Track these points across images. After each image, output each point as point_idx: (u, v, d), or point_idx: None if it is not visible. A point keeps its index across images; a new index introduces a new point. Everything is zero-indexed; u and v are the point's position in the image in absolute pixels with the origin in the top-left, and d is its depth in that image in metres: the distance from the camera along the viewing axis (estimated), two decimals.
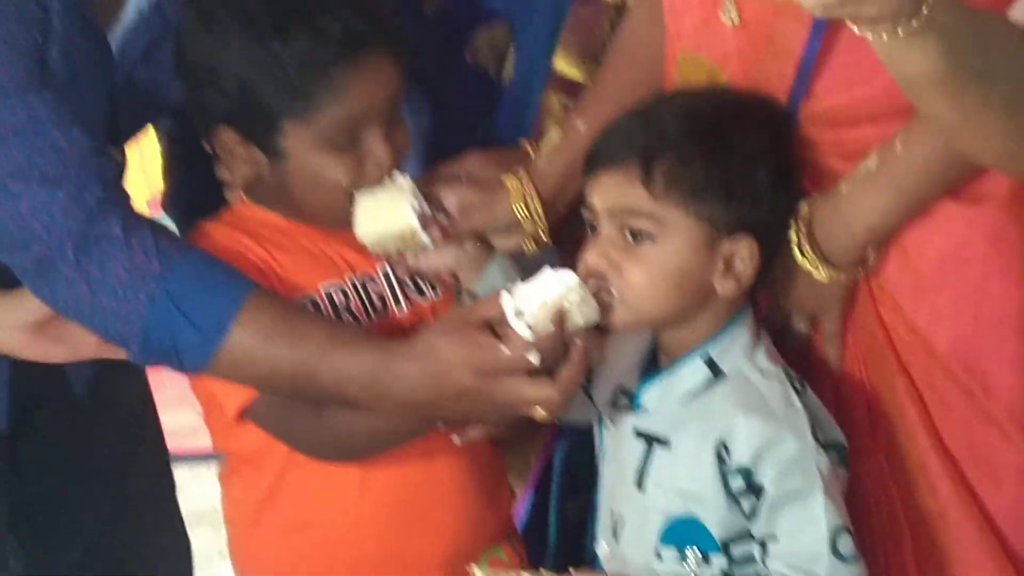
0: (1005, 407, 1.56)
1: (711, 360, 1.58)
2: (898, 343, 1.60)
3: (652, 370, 1.64)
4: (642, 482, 1.60)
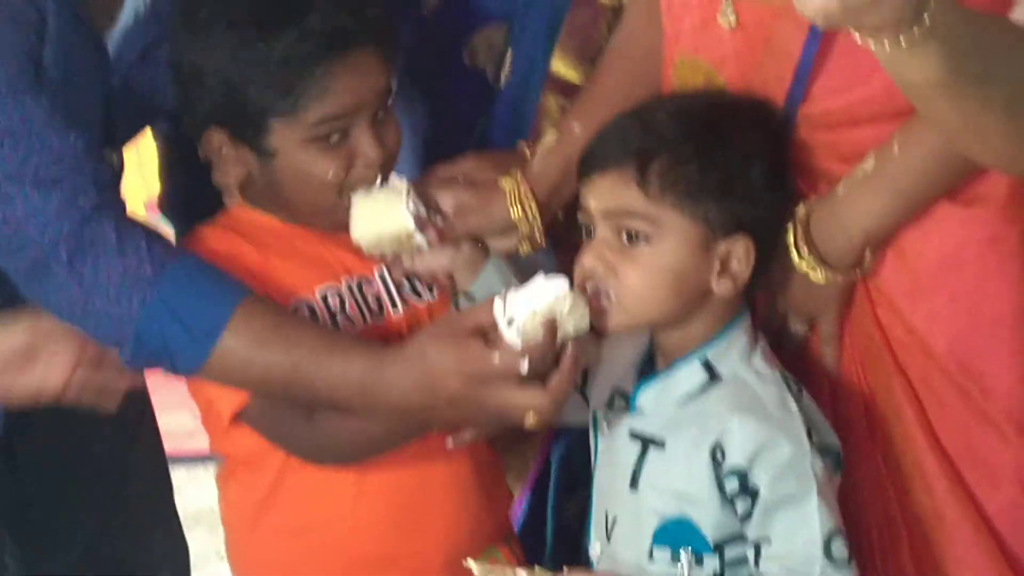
0: (1002, 408, 1.56)
1: (708, 363, 1.58)
2: (895, 344, 1.60)
3: (649, 372, 1.64)
4: (636, 482, 1.60)
